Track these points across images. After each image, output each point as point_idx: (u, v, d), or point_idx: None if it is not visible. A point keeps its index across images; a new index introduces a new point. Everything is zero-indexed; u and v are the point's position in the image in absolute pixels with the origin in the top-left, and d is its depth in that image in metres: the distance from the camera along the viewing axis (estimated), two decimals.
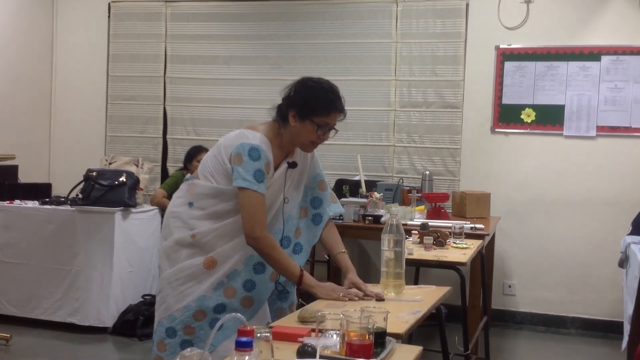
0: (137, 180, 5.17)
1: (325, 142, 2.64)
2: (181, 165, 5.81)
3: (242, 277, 2.56)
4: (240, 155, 2.46)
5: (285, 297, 2.75)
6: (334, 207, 2.81)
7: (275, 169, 2.59)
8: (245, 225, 2.46)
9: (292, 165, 2.63)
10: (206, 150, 5.23)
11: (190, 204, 2.59)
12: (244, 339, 1.40)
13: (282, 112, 2.58)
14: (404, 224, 3.11)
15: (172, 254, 2.58)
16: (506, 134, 5.62)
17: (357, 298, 2.45)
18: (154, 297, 4.96)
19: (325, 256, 4.90)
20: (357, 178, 5.39)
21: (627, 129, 5.37)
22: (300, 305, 2.52)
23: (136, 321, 4.84)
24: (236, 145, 2.49)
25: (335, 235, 2.79)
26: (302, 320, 2.15)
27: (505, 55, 5.60)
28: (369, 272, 5.40)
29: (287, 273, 2.51)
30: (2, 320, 5.00)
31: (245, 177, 2.44)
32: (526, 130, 5.57)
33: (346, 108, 2.60)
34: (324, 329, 1.91)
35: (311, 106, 2.52)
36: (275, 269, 2.54)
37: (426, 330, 3.96)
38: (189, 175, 2.76)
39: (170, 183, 5.50)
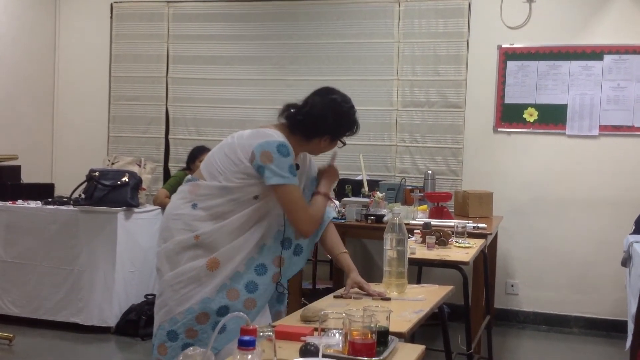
0: (140, 181, 5.17)
1: None
2: (183, 165, 5.81)
3: (245, 278, 2.54)
4: (269, 153, 2.44)
5: (282, 299, 2.75)
6: (327, 210, 2.81)
7: None
8: (294, 223, 2.54)
9: (296, 167, 2.63)
10: (209, 150, 5.23)
11: (194, 205, 2.56)
12: (246, 337, 1.40)
13: (302, 127, 2.59)
14: (406, 224, 3.12)
15: (173, 257, 2.55)
16: (509, 133, 5.62)
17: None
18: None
19: (328, 256, 4.90)
20: (359, 177, 5.39)
21: (630, 128, 5.36)
22: (303, 305, 2.52)
23: (139, 321, 4.85)
24: (259, 143, 2.47)
25: (335, 236, 2.78)
26: (305, 320, 2.15)
27: (508, 55, 5.59)
28: (372, 271, 5.39)
29: (323, 206, 2.66)
30: (5, 320, 5.00)
31: (282, 174, 2.44)
32: (529, 130, 5.56)
33: None
34: (326, 328, 1.90)
35: (346, 130, 2.63)
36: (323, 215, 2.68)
37: (429, 329, 3.97)
38: (189, 176, 2.73)
39: (172, 183, 5.49)
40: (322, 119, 2.57)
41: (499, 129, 5.63)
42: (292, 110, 2.61)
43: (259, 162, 2.45)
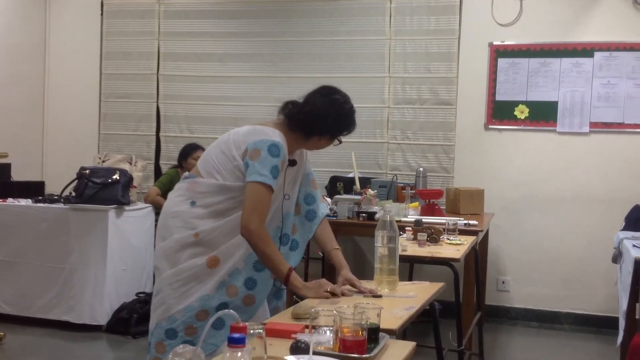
0: (131, 178, 5.15)
1: None
2: (174, 162, 5.80)
3: (243, 275, 2.55)
4: (258, 150, 2.45)
5: (280, 295, 2.76)
6: (321, 206, 2.84)
7: None
8: (244, 215, 2.42)
9: (292, 163, 2.64)
10: (202, 148, 5.22)
11: (193, 203, 2.56)
12: (236, 335, 1.40)
13: (303, 125, 2.58)
14: (397, 221, 3.12)
15: (172, 255, 2.55)
16: (500, 130, 5.63)
17: (346, 292, 2.45)
18: (147, 295, 4.95)
19: (320, 253, 4.90)
20: (351, 175, 5.40)
21: (620, 124, 5.38)
22: (294, 302, 2.52)
23: (130, 319, 4.83)
24: (254, 140, 2.48)
25: (328, 232, 2.79)
26: (296, 317, 2.15)
27: (499, 52, 5.60)
28: (363, 268, 5.40)
29: (276, 271, 2.47)
30: None
31: (262, 172, 2.43)
32: (520, 127, 5.57)
33: None
34: (317, 325, 1.91)
35: (344, 130, 2.63)
36: (266, 265, 2.51)
37: (420, 326, 3.98)
38: (187, 173, 2.72)
39: (164, 181, 5.50)
40: (323, 119, 2.57)
41: (490, 126, 5.64)
42: (292, 108, 2.60)
43: (247, 158, 2.46)
